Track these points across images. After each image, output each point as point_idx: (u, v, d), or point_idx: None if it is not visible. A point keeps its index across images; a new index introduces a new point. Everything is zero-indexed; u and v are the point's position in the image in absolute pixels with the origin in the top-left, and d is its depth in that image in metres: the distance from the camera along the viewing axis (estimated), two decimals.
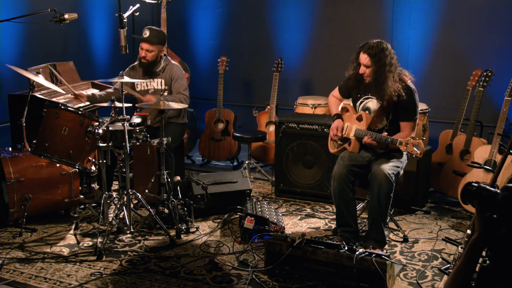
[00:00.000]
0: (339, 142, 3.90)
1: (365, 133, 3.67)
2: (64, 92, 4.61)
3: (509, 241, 1.82)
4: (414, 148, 3.40)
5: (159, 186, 4.06)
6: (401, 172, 3.74)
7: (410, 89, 3.66)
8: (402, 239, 3.86)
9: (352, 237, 3.66)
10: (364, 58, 3.64)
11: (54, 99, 4.42)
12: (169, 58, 4.67)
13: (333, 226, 4.10)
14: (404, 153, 3.75)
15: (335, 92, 4.05)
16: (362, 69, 3.68)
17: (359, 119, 3.77)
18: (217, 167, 5.89)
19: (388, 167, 3.57)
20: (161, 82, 4.56)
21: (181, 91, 4.52)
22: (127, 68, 4.62)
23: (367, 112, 3.77)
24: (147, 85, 4.57)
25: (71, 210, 4.26)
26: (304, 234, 3.26)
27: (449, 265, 3.42)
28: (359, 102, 3.83)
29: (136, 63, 4.62)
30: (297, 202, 4.71)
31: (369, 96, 3.78)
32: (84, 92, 4.62)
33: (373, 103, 3.77)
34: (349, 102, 3.96)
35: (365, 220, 3.92)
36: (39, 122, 3.88)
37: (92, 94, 4.60)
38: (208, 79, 6.62)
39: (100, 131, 3.71)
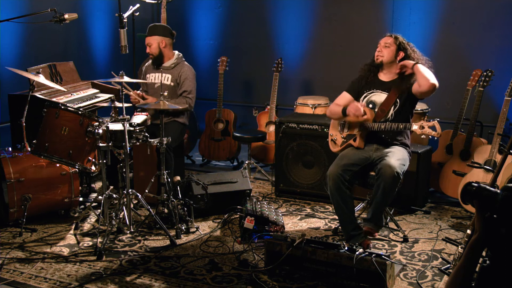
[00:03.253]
0: (343, 140, 3.88)
1: (370, 125, 3.68)
2: (65, 90, 4.60)
3: (509, 241, 1.82)
4: (430, 129, 3.43)
5: (159, 186, 4.06)
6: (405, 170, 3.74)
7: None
8: (402, 239, 3.86)
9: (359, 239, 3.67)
10: (386, 39, 3.74)
11: (54, 99, 4.42)
12: (183, 59, 4.77)
13: (333, 226, 4.10)
14: (407, 152, 3.75)
15: (341, 97, 3.94)
16: (378, 50, 3.74)
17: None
18: (217, 167, 5.89)
19: (397, 164, 3.56)
20: (168, 78, 4.63)
21: (185, 94, 4.61)
22: (142, 65, 4.84)
23: (370, 107, 3.78)
24: (154, 79, 4.70)
25: (71, 210, 4.26)
26: (304, 234, 3.27)
27: (449, 265, 3.42)
28: (363, 96, 3.85)
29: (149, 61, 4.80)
30: (297, 202, 4.71)
31: (374, 90, 3.81)
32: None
33: (378, 96, 3.79)
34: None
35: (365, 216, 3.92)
36: (39, 122, 3.88)
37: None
38: (208, 79, 6.61)
39: (100, 131, 3.71)
